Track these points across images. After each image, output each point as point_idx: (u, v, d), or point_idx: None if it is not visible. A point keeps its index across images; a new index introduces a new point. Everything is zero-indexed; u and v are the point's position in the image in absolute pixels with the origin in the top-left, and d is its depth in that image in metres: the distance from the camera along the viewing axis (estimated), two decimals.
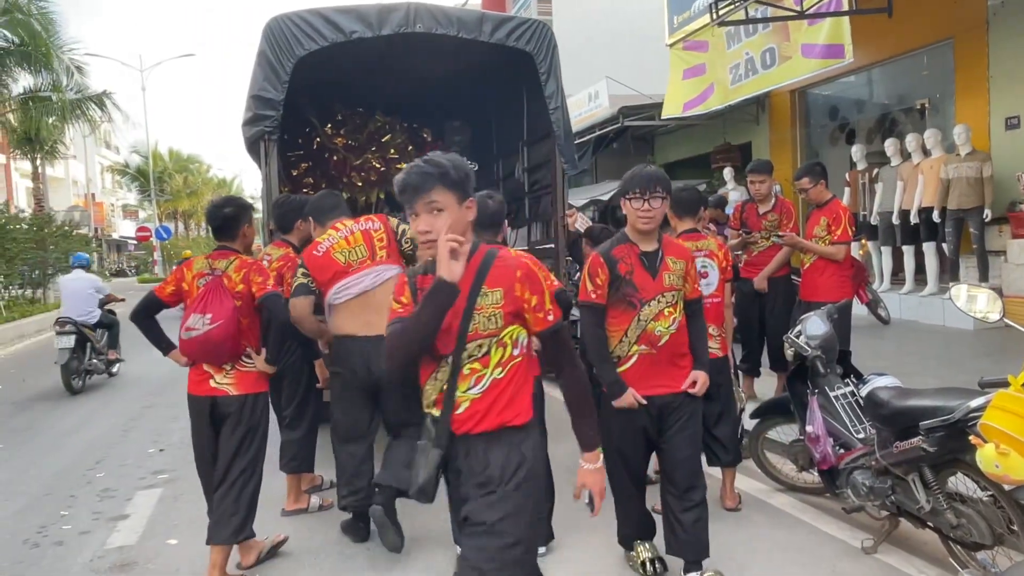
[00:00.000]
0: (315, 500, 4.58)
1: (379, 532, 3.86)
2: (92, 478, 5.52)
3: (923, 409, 3.22)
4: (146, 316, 3.71)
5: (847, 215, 5.40)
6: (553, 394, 5.40)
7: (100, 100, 19.58)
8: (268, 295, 3.60)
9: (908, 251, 9.71)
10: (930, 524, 3.37)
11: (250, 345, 3.64)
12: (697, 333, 3.43)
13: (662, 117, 12.48)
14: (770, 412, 4.48)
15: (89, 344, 9.00)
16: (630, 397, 3.27)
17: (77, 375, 8.78)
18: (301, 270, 3.98)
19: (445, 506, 3.83)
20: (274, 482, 4.67)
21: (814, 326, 3.97)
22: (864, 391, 3.75)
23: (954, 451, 3.13)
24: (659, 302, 3.25)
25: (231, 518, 3.54)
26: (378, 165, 7.52)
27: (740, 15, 9.26)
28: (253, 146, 5.51)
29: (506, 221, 3.91)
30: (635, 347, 3.27)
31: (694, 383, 3.33)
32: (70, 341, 8.56)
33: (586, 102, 15.24)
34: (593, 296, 3.29)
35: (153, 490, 5.14)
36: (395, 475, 3.76)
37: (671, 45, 12.45)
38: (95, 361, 9.18)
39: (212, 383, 3.56)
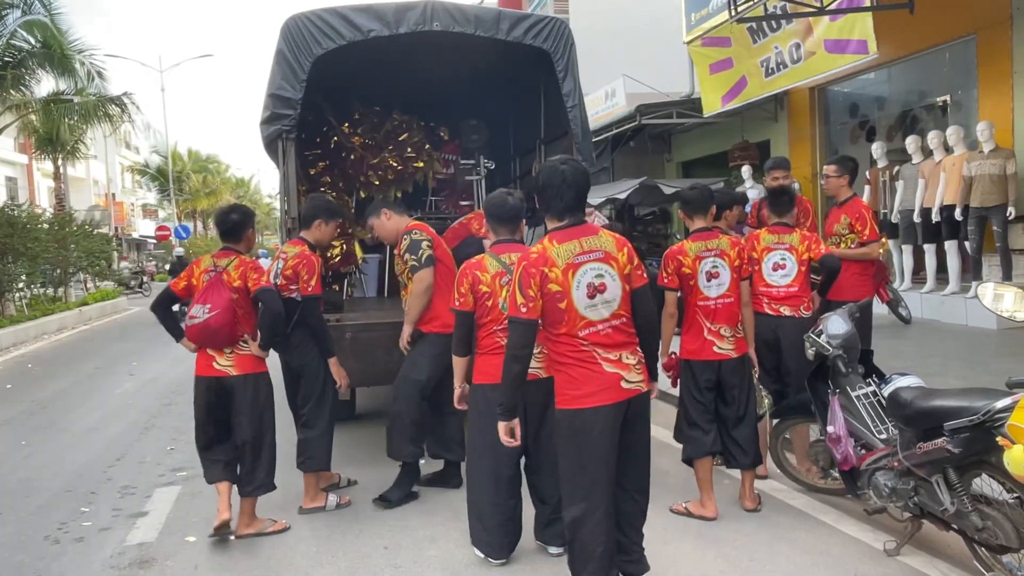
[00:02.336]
0: (332, 498, 4.58)
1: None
2: (112, 475, 5.55)
3: (947, 409, 3.17)
4: (162, 307, 4.30)
5: (869, 213, 5.35)
6: None
7: (120, 102, 19.75)
8: (261, 290, 4.07)
9: (929, 249, 9.60)
10: (954, 526, 3.32)
11: (246, 332, 4.14)
12: None
13: (704, 115, 12.39)
14: (790, 412, 4.42)
15: None
16: None
17: None
18: (427, 242, 4.47)
19: (463, 508, 3.87)
20: (291, 480, 4.69)
21: (835, 325, 3.92)
22: (886, 391, 3.70)
23: (979, 452, 3.08)
24: None
25: (254, 474, 4.17)
26: (395, 164, 7.50)
27: (759, 11, 9.18)
28: (271, 145, 5.52)
29: (524, 220, 3.89)
30: None
31: None
32: None
33: (603, 100, 15.21)
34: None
35: (172, 487, 5.17)
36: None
37: (689, 42, 12.39)
38: None
39: (215, 365, 4.10)
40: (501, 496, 3.62)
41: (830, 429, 3.80)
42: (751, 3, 8.99)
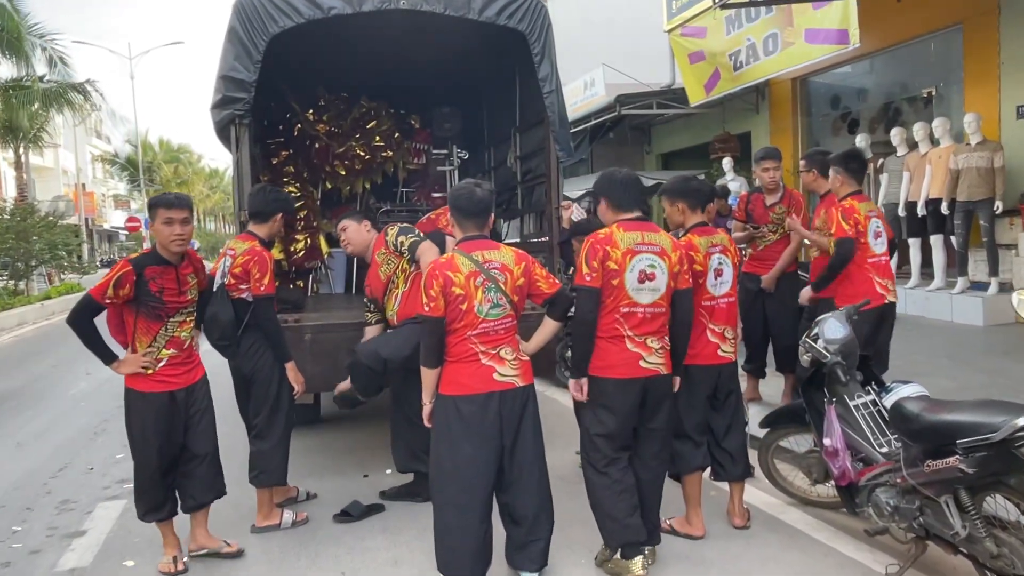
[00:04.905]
0: (288, 516, 4.21)
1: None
2: (53, 488, 5.15)
3: (960, 425, 2.88)
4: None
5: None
6: (547, 393, 5.07)
7: (83, 89, 19.03)
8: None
9: (914, 244, 9.39)
10: (963, 550, 3.04)
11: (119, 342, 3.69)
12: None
13: (691, 104, 12.12)
14: (782, 420, 4.13)
15: None
16: None
17: None
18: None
19: (431, 525, 3.53)
20: (245, 495, 4.32)
21: (833, 329, 3.61)
22: (888, 401, 3.42)
23: (997, 473, 2.79)
24: None
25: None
26: (362, 153, 7.14)
27: None
28: (223, 131, 5.11)
29: (492, 214, 3.53)
30: None
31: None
32: None
33: (582, 90, 14.86)
34: None
35: (116, 501, 4.77)
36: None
37: (669, 31, 12.10)
38: None
39: None
40: (470, 519, 3.27)
41: (827, 442, 3.50)
42: None
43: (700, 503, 3.85)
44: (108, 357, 3.60)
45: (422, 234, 4.31)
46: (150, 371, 3.60)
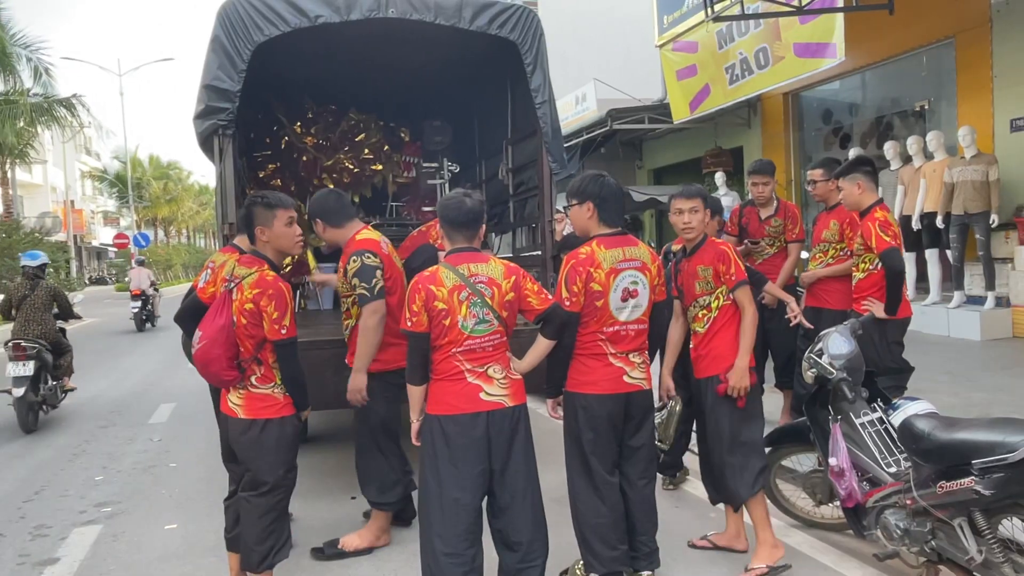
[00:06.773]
0: None
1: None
2: (27, 512, 4.94)
3: (975, 444, 2.74)
4: (189, 320, 3.49)
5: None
6: (539, 411, 4.91)
7: (69, 104, 18.86)
8: (278, 343, 3.18)
9: (909, 258, 9.29)
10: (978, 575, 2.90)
11: (227, 378, 3.26)
12: None
13: (674, 122, 12.08)
14: (785, 439, 3.99)
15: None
16: None
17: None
18: (380, 270, 3.79)
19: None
20: (222, 518, 4.12)
21: (837, 344, 3.48)
22: (896, 418, 3.29)
23: (1014, 495, 2.65)
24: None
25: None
26: (351, 166, 7.01)
27: (735, 10, 8.85)
28: (206, 142, 4.98)
29: (483, 226, 3.38)
30: None
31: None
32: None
33: (573, 105, 14.84)
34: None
35: (92, 527, 4.57)
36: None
37: (661, 46, 12.08)
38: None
39: (229, 401, 3.30)
40: (458, 545, 3.10)
41: (832, 461, 3.36)
42: (727, 1, 8.68)
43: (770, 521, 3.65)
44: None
45: (377, 286, 3.74)
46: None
